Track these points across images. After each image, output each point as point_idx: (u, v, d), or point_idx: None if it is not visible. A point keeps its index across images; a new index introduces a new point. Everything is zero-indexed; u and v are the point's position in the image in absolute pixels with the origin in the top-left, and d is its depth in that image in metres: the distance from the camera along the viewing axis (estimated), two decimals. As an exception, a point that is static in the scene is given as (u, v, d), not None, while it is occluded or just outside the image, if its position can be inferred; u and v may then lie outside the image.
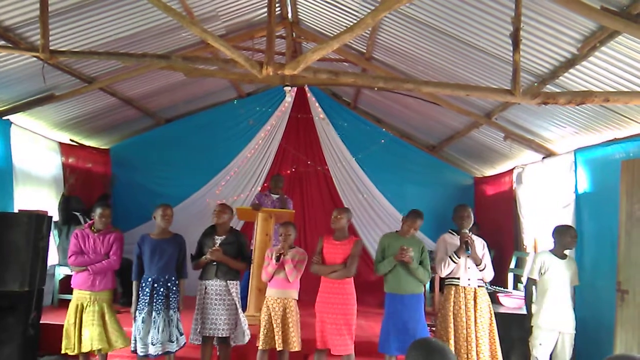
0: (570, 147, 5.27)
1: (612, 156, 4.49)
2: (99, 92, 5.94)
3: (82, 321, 4.17)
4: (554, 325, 4.10)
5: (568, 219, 5.03)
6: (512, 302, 5.25)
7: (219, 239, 4.32)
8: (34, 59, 4.46)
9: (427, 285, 6.53)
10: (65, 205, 6.11)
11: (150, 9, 4.57)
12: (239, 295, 4.36)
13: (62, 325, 4.26)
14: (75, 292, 4.28)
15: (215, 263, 4.25)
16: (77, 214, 6.24)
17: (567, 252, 4.28)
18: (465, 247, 4.15)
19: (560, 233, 4.25)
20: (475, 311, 4.14)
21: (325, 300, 4.17)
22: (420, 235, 7.12)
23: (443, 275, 4.28)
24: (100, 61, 5.11)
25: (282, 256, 4.18)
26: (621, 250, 4.03)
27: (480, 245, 4.29)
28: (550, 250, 4.28)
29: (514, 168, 6.65)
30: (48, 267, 5.02)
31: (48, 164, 6.19)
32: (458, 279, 4.22)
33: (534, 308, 4.29)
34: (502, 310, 5.07)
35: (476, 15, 4.10)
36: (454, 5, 4.10)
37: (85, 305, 4.20)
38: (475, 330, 4.10)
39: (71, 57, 4.45)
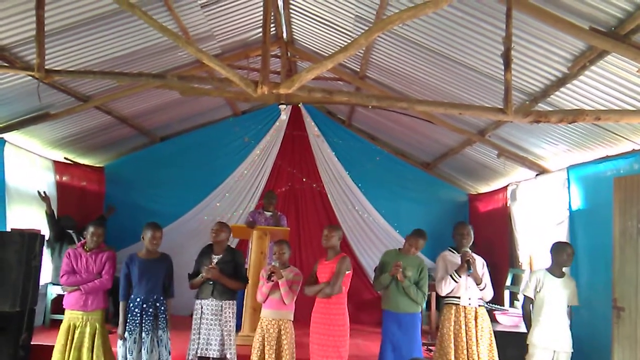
0: (563, 165, 5.31)
1: (604, 173, 4.53)
2: (94, 111, 5.95)
3: (74, 342, 4.10)
4: (548, 343, 4.07)
5: (562, 235, 5.05)
6: (508, 320, 5.22)
7: (215, 258, 4.29)
8: (30, 78, 4.48)
9: (424, 303, 6.49)
10: (53, 223, 6.05)
11: (146, 28, 4.62)
12: (234, 316, 4.32)
13: (54, 346, 4.18)
14: (67, 312, 4.22)
15: (211, 282, 4.21)
16: (71, 232, 6.18)
17: (565, 270, 4.26)
18: (467, 266, 4.11)
19: (556, 251, 4.22)
20: (476, 331, 4.10)
21: (316, 320, 4.13)
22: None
23: (443, 294, 4.22)
24: (95, 80, 5.14)
25: (273, 274, 4.15)
26: (616, 267, 4.04)
27: (480, 264, 4.27)
28: (547, 269, 4.27)
29: (508, 185, 6.69)
30: (40, 287, 4.96)
31: (42, 182, 6.16)
32: (458, 298, 4.17)
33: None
34: (499, 328, 5.04)
35: (468, 36, 4.17)
36: (446, 25, 4.17)
37: (77, 325, 4.14)
38: (477, 351, 4.05)
39: (66, 77, 4.48)
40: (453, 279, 4.13)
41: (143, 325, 4.08)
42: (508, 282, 6.44)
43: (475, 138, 5.98)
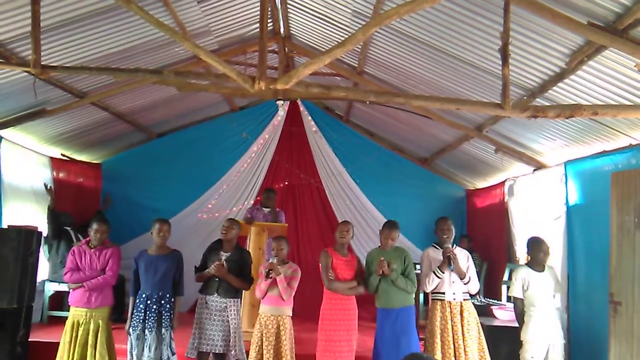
0: (560, 160, 5.31)
1: (601, 168, 4.54)
2: (90, 107, 5.92)
3: (78, 339, 4.09)
4: (542, 337, 4.09)
5: (559, 231, 5.06)
6: (506, 314, 5.24)
7: (224, 255, 4.27)
8: (26, 74, 4.45)
9: (422, 299, 6.51)
10: (53, 219, 6.04)
11: (143, 24, 4.59)
12: (239, 314, 4.32)
13: (52, 343, 4.19)
14: (71, 309, 4.21)
15: (217, 279, 4.20)
16: (68, 228, 6.17)
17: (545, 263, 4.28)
18: (448, 262, 4.14)
19: (532, 248, 4.24)
20: (462, 325, 4.13)
21: (334, 317, 4.16)
22: (413, 248, 7.16)
23: (428, 291, 4.29)
24: (92, 76, 5.11)
25: (272, 272, 4.16)
26: (613, 261, 4.05)
27: (464, 258, 4.29)
28: (528, 264, 4.29)
29: (505, 180, 6.69)
30: (37, 283, 4.95)
31: (38, 179, 6.14)
32: (443, 293, 4.21)
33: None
34: (496, 323, 5.07)
35: (466, 31, 4.17)
36: (444, 20, 4.16)
37: (81, 322, 4.13)
38: (464, 345, 4.08)
39: (63, 73, 4.46)
40: (436, 275, 4.18)
41: (146, 322, 4.08)
42: (505, 277, 6.45)
43: (473, 133, 5.97)
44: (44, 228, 5.86)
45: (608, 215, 4.11)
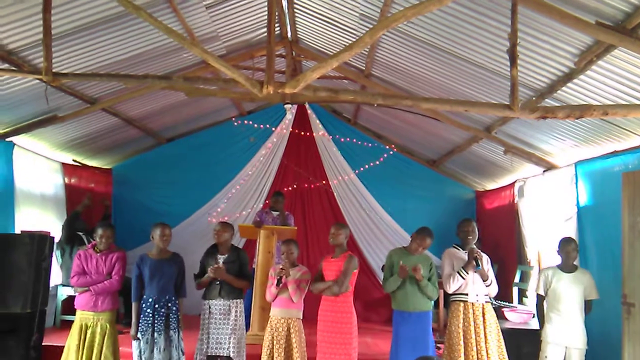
0: (570, 160, 5.28)
1: (612, 168, 4.50)
2: (101, 113, 5.99)
3: (86, 342, 4.14)
4: (560, 339, 4.06)
5: (571, 232, 5.02)
6: (517, 316, 5.21)
7: (221, 258, 4.32)
8: (37, 81, 4.51)
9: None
10: (72, 223, 6.12)
11: (152, 30, 4.64)
12: (243, 314, 4.34)
13: (64, 347, 4.22)
14: (78, 313, 4.26)
15: (218, 282, 4.23)
16: (81, 233, 6.24)
17: (577, 264, 4.25)
18: (476, 263, 4.11)
19: (561, 247, 4.23)
20: (484, 327, 4.10)
21: (323, 318, 4.15)
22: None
23: (451, 291, 4.22)
24: (102, 82, 5.17)
25: (283, 278, 4.17)
26: (625, 262, 4.01)
27: (485, 261, 4.26)
28: (558, 265, 4.25)
29: (515, 181, 6.66)
30: (50, 288, 5.00)
31: (50, 184, 6.22)
32: (466, 295, 4.16)
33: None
34: (507, 325, 5.03)
35: (473, 32, 4.16)
36: (451, 22, 4.16)
37: (89, 325, 4.18)
38: (486, 347, 4.05)
39: (74, 79, 4.52)
40: (461, 275, 4.13)
41: (155, 325, 4.10)
42: (516, 279, 6.42)
43: (482, 135, 5.95)
44: (56, 233, 5.93)
45: (619, 215, 4.08)
